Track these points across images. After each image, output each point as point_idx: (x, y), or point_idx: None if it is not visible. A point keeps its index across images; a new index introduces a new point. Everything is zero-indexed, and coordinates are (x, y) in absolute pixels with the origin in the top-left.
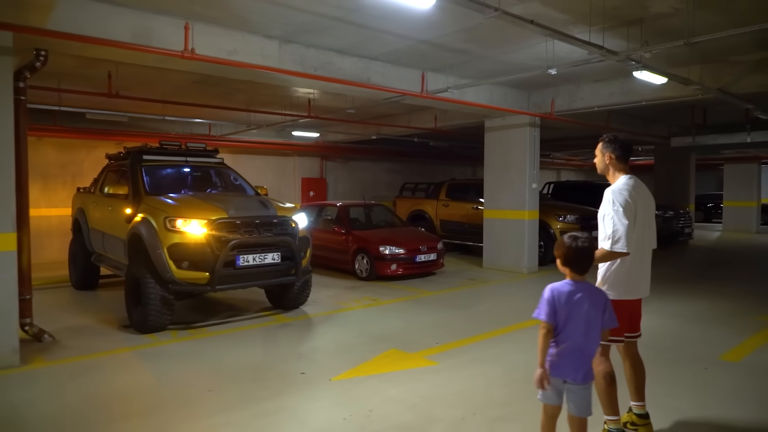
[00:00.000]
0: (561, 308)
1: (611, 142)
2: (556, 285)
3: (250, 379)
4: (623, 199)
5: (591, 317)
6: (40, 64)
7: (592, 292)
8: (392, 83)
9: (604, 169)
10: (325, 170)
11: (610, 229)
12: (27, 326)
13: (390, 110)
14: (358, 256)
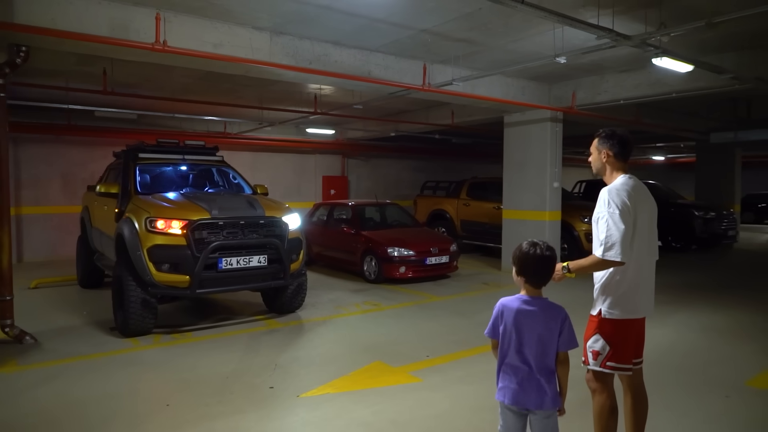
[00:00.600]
0: (508, 326)
1: (609, 137)
2: (506, 299)
3: (214, 393)
4: (620, 200)
5: (545, 338)
6: (20, 60)
7: (547, 309)
8: (395, 76)
9: (601, 168)
10: (346, 168)
11: (604, 234)
12: (7, 327)
13: (407, 106)
14: (366, 257)
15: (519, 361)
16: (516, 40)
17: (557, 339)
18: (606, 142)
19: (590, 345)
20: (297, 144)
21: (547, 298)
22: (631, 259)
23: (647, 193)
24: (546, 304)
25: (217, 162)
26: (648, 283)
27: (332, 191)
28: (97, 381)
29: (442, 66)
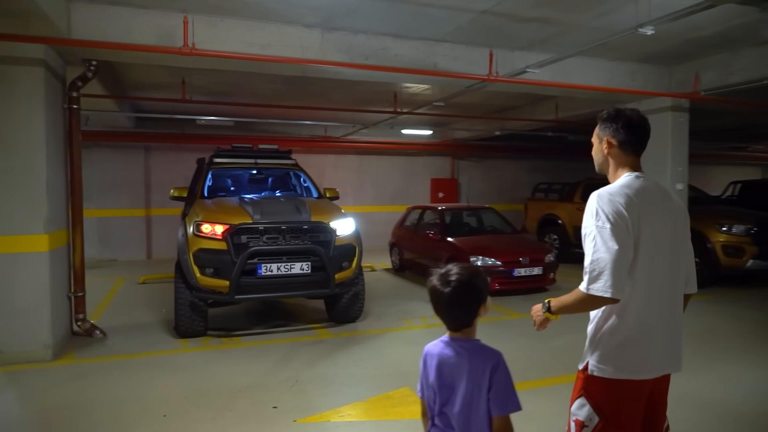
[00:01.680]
0: (429, 380)
1: (612, 119)
2: (430, 344)
3: (215, 407)
4: (614, 209)
5: (471, 396)
6: (91, 74)
7: (473, 356)
8: (465, 67)
9: (603, 163)
10: (457, 170)
11: (589, 258)
12: (80, 322)
13: (510, 101)
14: None
15: (443, 425)
16: (601, 14)
17: (486, 398)
18: (608, 126)
19: (574, 411)
20: (404, 146)
21: (478, 341)
22: (630, 294)
23: (665, 200)
24: (473, 348)
25: (290, 165)
26: (665, 329)
27: (441, 194)
28: (120, 382)
29: (522, 53)
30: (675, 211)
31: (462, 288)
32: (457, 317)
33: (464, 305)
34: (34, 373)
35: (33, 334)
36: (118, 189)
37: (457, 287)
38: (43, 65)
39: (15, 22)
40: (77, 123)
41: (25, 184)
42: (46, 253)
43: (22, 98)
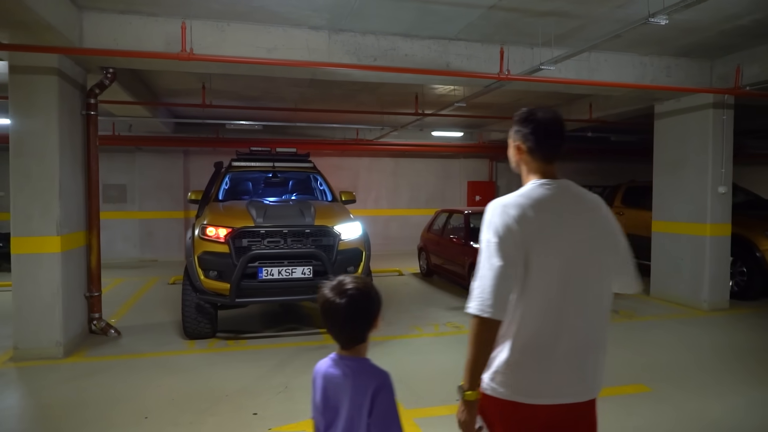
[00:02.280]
0: (316, 399)
1: (521, 123)
2: (321, 362)
3: (197, 411)
4: (503, 223)
5: (353, 420)
6: (108, 81)
7: (358, 376)
8: (481, 66)
9: (516, 168)
10: (495, 172)
11: (477, 276)
12: (95, 321)
13: (542, 101)
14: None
15: None
16: (620, 5)
17: (367, 423)
18: (518, 131)
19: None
20: (439, 148)
21: (368, 360)
22: (522, 312)
23: (576, 205)
24: (359, 367)
25: (307, 168)
26: (570, 352)
27: (477, 197)
28: (119, 381)
29: (542, 50)
30: (590, 214)
31: (359, 299)
32: (352, 331)
33: (360, 318)
34: (42, 369)
35: (46, 332)
36: (159, 192)
37: (354, 298)
38: (57, 74)
39: (26, 34)
40: (95, 129)
41: (40, 188)
42: (58, 254)
43: (38, 106)
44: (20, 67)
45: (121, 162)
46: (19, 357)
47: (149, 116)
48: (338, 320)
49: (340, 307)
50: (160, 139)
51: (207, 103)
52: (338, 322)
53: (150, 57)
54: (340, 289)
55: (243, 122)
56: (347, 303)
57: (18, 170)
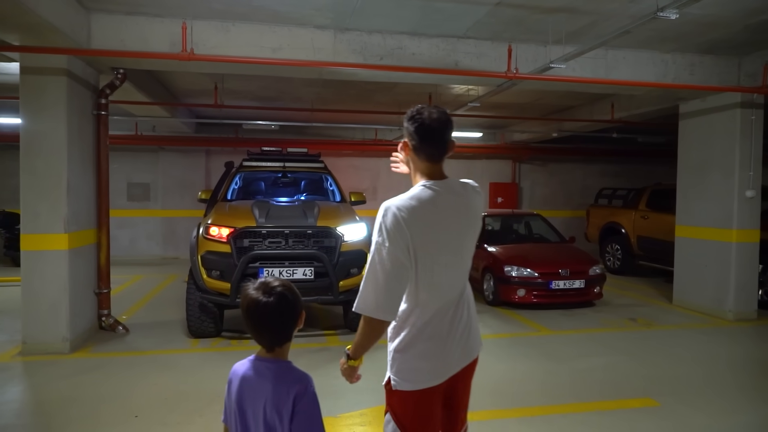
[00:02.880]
0: (231, 404)
1: (409, 119)
2: (238, 363)
3: (190, 411)
4: (395, 225)
5: (272, 424)
6: (119, 82)
7: (278, 380)
8: (492, 65)
9: (406, 164)
10: (518, 174)
11: (367, 276)
12: (104, 317)
13: (567, 101)
14: (486, 275)
15: None
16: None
17: (288, 429)
18: (406, 128)
19: (384, 427)
20: (460, 149)
21: (289, 362)
22: (420, 309)
23: (459, 205)
24: (280, 370)
25: (317, 169)
26: (457, 332)
27: (499, 199)
28: (117, 379)
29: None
30: (464, 209)
31: (288, 296)
32: (276, 331)
33: (288, 315)
34: (47, 365)
35: (53, 328)
36: (181, 191)
37: (283, 296)
38: (66, 74)
39: (35, 36)
40: (105, 128)
41: (47, 186)
42: (65, 252)
43: (47, 105)
44: (31, 68)
45: (145, 161)
46: (27, 351)
47: (168, 116)
48: (266, 319)
49: (270, 305)
50: (181, 138)
51: (220, 103)
52: (266, 321)
53: (153, 57)
54: (267, 289)
55: (260, 122)
56: (276, 301)
57: (27, 168)
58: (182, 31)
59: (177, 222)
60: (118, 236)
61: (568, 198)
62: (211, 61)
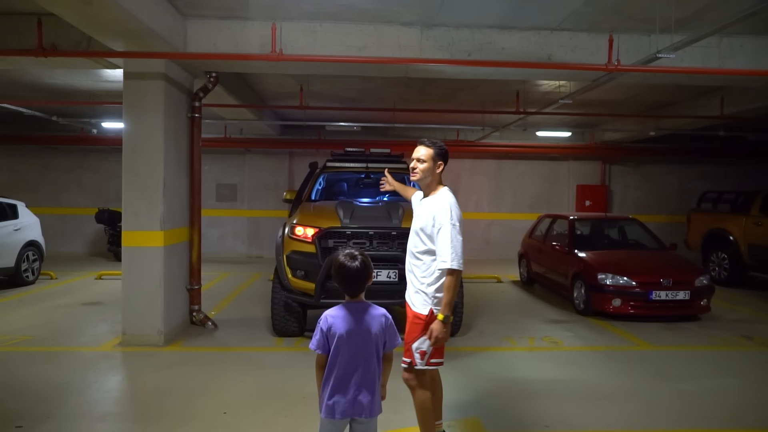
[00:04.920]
0: (332, 337)
1: (446, 155)
2: (329, 311)
3: (275, 411)
4: (459, 212)
5: (373, 342)
6: (211, 85)
7: (370, 313)
8: (588, 58)
9: (431, 177)
10: (608, 176)
11: (449, 244)
12: (194, 312)
13: (667, 96)
14: (576, 282)
15: (350, 372)
16: None
17: (384, 341)
18: (443, 156)
19: (417, 346)
20: (545, 149)
21: (370, 302)
22: None
23: None
24: (369, 307)
25: (401, 169)
26: None
27: (587, 202)
28: (207, 374)
29: (659, 37)
30: None
31: (365, 262)
32: (358, 284)
33: (365, 275)
34: (143, 356)
35: (149, 321)
36: (265, 192)
37: (363, 261)
38: (164, 78)
39: (136, 42)
40: (198, 131)
41: (146, 185)
42: (161, 248)
43: (146, 108)
44: (133, 74)
45: (232, 163)
46: (126, 342)
47: (255, 119)
48: (351, 277)
49: (354, 268)
50: (266, 141)
51: (305, 105)
52: (352, 278)
53: (243, 59)
54: (352, 256)
55: (342, 124)
56: (358, 265)
57: (128, 169)
58: (272, 33)
59: (261, 222)
60: (207, 234)
61: (664, 202)
62: (299, 61)
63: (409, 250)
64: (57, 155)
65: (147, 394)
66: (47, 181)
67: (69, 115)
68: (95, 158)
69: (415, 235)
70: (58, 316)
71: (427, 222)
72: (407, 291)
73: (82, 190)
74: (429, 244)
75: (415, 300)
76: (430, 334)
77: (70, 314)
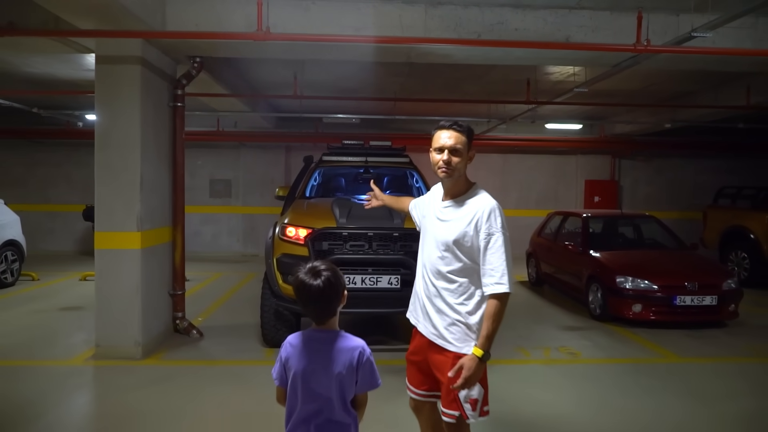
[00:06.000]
0: (289, 370)
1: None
2: (292, 337)
3: None
4: (503, 215)
5: (326, 385)
6: (195, 71)
7: (340, 344)
8: (609, 40)
9: (463, 168)
10: (617, 170)
11: (503, 261)
12: (178, 320)
13: (684, 86)
14: (592, 285)
15: (309, 418)
16: None
17: (355, 381)
18: (471, 142)
19: (467, 394)
20: (552, 143)
21: (342, 331)
22: None
23: None
24: (338, 337)
25: (403, 164)
26: None
27: (596, 198)
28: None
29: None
30: None
31: (329, 280)
32: (323, 308)
33: (333, 294)
34: (117, 371)
35: (126, 331)
36: (261, 187)
37: (328, 279)
38: (140, 62)
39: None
40: (181, 121)
41: (122, 182)
42: (138, 251)
43: (121, 96)
44: (105, 57)
45: (227, 157)
46: (100, 355)
47: (249, 111)
48: (314, 298)
49: (317, 287)
50: (261, 134)
51: (299, 95)
52: (314, 300)
53: (225, 38)
54: (315, 272)
55: (340, 116)
56: (322, 283)
57: (101, 163)
58: (258, 8)
59: (257, 219)
60: (201, 232)
61: (675, 198)
62: (288, 41)
63: (431, 270)
64: (44, 149)
65: (116, 419)
66: (35, 177)
67: (51, 106)
68: (85, 153)
69: (442, 249)
70: (32, 323)
71: (465, 231)
72: (430, 322)
73: (71, 186)
74: (467, 260)
75: (450, 335)
76: (459, 371)
77: (46, 321)
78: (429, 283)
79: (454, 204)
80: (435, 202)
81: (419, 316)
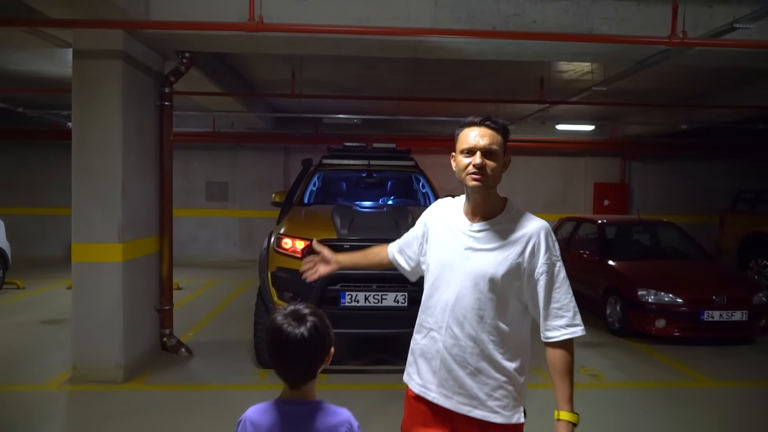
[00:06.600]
0: None
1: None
2: (253, 409)
3: None
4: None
5: None
6: (184, 67)
7: (319, 422)
8: (637, 32)
9: (499, 175)
10: (628, 173)
11: (569, 296)
12: (165, 338)
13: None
14: (610, 297)
15: None
16: None
17: None
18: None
19: None
20: (560, 145)
21: (321, 401)
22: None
23: None
24: (317, 411)
25: (408, 167)
26: None
27: (606, 202)
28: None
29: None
30: None
31: (317, 328)
32: (308, 365)
33: (319, 349)
34: (95, 398)
35: (105, 352)
36: (258, 191)
37: (315, 326)
38: (122, 57)
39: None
40: (169, 122)
41: (101, 188)
42: (119, 264)
43: (101, 94)
44: (83, 51)
45: (223, 160)
46: (77, 378)
47: (245, 110)
48: (290, 352)
49: (299, 336)
50: (258, 135)
51: (298, 93)
52: (290, 355)
53: (213, 28)
54: (297, 316)
55: (341, 116)
56: (307, 332)
57: (78, 168)
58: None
59: (254, 223)
60: (197, 236)
61: (687, 201)
62: (284, 32)
63: (462, 318)
64: (34, 151)
65: None
66: (24, 179)
67: (37, 106)
68: None
69: (486, 288)
70: (9, 339)
71: (517, 262)
72: (462, 389)
73: (62, 189)
74: (517, 300)
75: (495, 403)
76: None
77: (24, 336)
78: (457, 337)
79: (492, 227)
80: (452, 227)
81: (432, 384)
